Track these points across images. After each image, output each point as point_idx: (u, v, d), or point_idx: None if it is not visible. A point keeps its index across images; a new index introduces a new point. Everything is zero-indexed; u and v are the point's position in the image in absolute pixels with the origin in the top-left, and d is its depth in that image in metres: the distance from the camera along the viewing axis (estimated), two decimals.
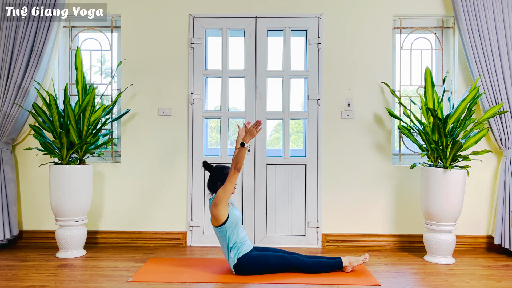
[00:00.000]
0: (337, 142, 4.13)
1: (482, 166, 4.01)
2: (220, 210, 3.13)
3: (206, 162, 3.38)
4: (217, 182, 3.27)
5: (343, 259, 3.26)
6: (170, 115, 4.15)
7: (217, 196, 3.13)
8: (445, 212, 3.58)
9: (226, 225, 3.16)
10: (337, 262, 3.25)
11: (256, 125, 3.13)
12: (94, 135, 3.84)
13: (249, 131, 3.14)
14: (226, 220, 3.15)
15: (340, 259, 3.27)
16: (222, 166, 3.35)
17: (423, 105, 3.77)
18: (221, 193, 3.12)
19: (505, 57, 3.87)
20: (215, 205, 3.14)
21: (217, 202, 3.13)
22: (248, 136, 3.14)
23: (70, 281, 3.08)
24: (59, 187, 3.65)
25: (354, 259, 3.27)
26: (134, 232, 4.14)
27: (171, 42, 4.15)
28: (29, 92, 3.90)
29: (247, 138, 3.14)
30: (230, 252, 3.16)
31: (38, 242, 4.13)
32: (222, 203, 3.12)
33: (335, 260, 3.27)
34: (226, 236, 3.17)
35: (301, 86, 4.23)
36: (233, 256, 3.15)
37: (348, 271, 3.25)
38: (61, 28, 4.09)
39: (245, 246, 3.20)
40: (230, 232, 3.17)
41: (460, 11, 3.89)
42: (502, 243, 3.84)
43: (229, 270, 3.29)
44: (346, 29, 4.13)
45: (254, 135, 3.15)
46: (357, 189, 4.13)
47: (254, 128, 3.13)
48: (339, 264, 3.24)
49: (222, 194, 3.12)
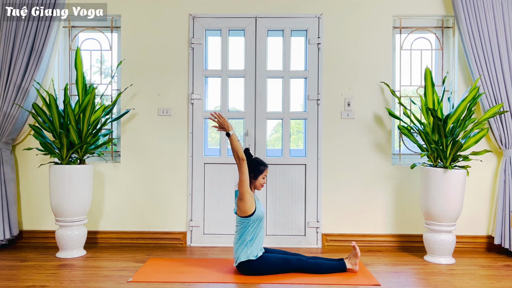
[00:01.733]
0: (337, 142, 4.13)
1: (482, 166, 4.02)
2: (246, 203, 3.13)
3: (248, 149, 3.34)
4: (250, 174, 3.24)
5: (347, 261, 3.26)
6: (170, 115, 4.15)
7: (239, 190, 3.14)
8: (445, 212, 3.58)
9: (252, 217, 3.15)
10: (341, 264, 3.25)
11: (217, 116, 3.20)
12: (94, 135, 3.84)
13: (219, 123, 3.20)
14: (253, 213, 3.15)
15: (343, 260, 3.27)
16: (259, 160, 3.32)
17: (423, 105, 3.77)
18: (239, 186, 3.13)
19: (505, 57, 3.87)
20: (240, 198, 3.14)
21: (241, 196, 3.14)
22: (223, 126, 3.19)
23: (70, 281, 3.08)
24: (59, 187, 3.65)
25: (353, 260, 3.26)
26: (134, 232, 4.14)
27: (171, 42, 4.15)
28: (29, 92, 3.90)
29: (224, 127, 3.19)
30: (244, 247, 3.14)
31: (38, 242, 4.13)
32: (246, 196, 3.12)
33: (338, 262, 3.27)
34: (246, 229, 3.15)
35: (301, 86, 4.23)
36: (245, 253, 3.13)
37: (355, 270, 3.25)
38: (61, 28, 4.10)
39: (260, 247, 3.19)
40: (253, 227, 3.16)
41: (460, 11, 3.89)
42: (502, 243, 3.84)
43: (229, 270, 3.28)
44: (346, 29, 4.13)
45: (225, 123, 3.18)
46: (357, 189, 4.13)
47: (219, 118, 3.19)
48: (342, 266, 3.24)
49: (240, 187, 3.13)
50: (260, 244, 3.21)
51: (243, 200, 3.13)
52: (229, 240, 4.03)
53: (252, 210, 3.14)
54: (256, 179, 3.26)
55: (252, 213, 3.14)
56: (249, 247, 3.14)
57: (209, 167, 4.15)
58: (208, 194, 4.13)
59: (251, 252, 3.14)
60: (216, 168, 4.15)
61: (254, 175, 3.25)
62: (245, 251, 3.14)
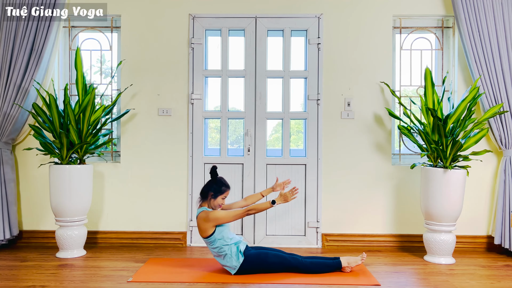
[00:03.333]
0: (337, 142, 4.13)
1: (482, 166, 4.01)
2: (208, 226, 3.14)
3: (215, 167, 3.35)
4: (210, 192, 3.25)
5: (342, 260, 3.26)
6: (170, 115, 4.15)
7: (215, 216, 3.12)
8: (445, 212, 3.58)
9: (215, 235, 3.15)
10: (336, 262, 3.25)
11: (292, 191, 3.27)
12: (94, 135, 3.84)
13: (285, 196, 3.23)
14: (214, 231, 3.15)
15: (339, 259, 3.27)
16: (224, 181, 3.32)
17: (423, 105, 3.77)
18: (220, 216, 3.13)
19: (505, 57, 3.87)
20: (207, 221, 3.13)
21: (211, 220, 3.12)
22: (281, 200, 3.23)
23: (70, 281, 3.08)
24: (59, 187, 3.65)
25: (353, 260, 3.26)
26: (134, 232, 4.14)
27: (171, 42, 4.15)
28: (29, 92, 3.90)
29: (279, 200, 3.23)
30: (228, 257, 3.14)
31: (38, 242, 4.13)
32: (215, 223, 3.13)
33: (334, 260, 3.27)
34: (215, 243, 3.15)
35: (301, 86, 4.23)
36: (232, 260, 3.14)
37: (347, 271, 3.24)
38: (61, 28, 4.09)
39: (234, 238, 3.21)
40: (221, 239, 3.15)
41: (460, 11, 3.89)
42: (502, 243, 3.84)
43: None
44: (346, 29, 4.13)
45: (288, 201, 3.25)
46: (357, 189, 4.13)
47: (290, 194, 3.25)
48: (337, 265, 3.24)
49: (221, 218, 3.13)
50: (233, 237, 3.22)
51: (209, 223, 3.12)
52: None
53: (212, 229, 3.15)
54: (215, 198, 3.24)
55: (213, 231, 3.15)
56: (231, 252, 3.14)
57: (209, 167, 4.15)
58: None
59: (235, 253, 3.14)
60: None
61: (214, 194, 3.23)
62: (230, 259, 3.14)
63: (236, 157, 4.17)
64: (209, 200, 3.24)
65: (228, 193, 3.29)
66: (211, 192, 3.24)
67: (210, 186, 3.27)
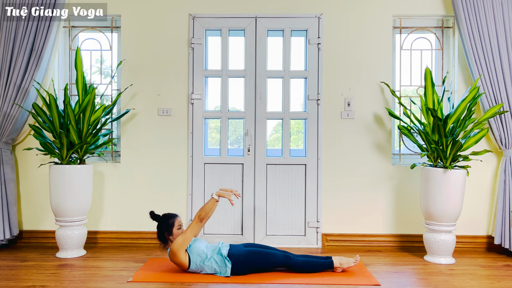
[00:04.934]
0: (337, 142, 4.13)
1: (482, 166, 4.01)
2: (181, 258, 3.12)
3: (153, 212, 3.33)
4: (164, 233, 3.23)
5: (334, 260, 3.25)
6: (170, 115, 4.15)
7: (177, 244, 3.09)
8: (445, 212, 3.58)
9: (193, 259, 3.14)
10: (328, 262, 3.24)
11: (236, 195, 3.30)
12: (94, 135, 3.84)
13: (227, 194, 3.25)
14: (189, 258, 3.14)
15: (331, 259, 3.26)
16: (167, 214, 3.30)
17: (423, 105, 3.77)
18: (181, 240, 3.10)
19: (505, 57, 3.87)
20: (176, 252, 3.11)
21: (177, 249, 3.10)
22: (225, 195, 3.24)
23: (70, 281, 3.08)
24: (59, 187, 3.65)
25: (346, 261, 3.25)
26: (134, 232, 4.14)
27: (171, 42, 4.15)
28: (29, 92, 3.90)
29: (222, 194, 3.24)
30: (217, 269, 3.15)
31: (38, 242, 4.13)
32: (180, 252, 3.11)
33: (326, 260, 3.26)
34: (201, 265, 3.15)
35: (301, 86, 4.23)
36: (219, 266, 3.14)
37: (338, 271, 3.23)
38: (61, 28, 4.09)
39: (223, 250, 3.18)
40: (199, 260, 3.15)
41: (460, 11, 3.89)
42: (502, 243, 3.84)
43: None
44: (346, 29, 4.13)
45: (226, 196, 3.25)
46: (357, 189, 4.13)
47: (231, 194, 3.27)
48: (329, 264, 3.24)
49: (183, 241, 3.10)
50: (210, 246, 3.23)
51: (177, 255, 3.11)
52: (229, 240, 4.03)
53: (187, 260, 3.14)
54: (171, 233, 3.21)
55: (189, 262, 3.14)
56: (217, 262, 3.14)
57: (209, 167, 4.16)
58: (208, 194, 4.13)
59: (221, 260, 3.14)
60: (216, 168, 4.15)
61: (168, 231, 3.22)
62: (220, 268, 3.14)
63: (236, 157, 4.17)
64: (169, 239, 3.23)
65: (178, 220, 3.26)
66: (165, 232, 3.23)
67: (160, 228, 3.25)
